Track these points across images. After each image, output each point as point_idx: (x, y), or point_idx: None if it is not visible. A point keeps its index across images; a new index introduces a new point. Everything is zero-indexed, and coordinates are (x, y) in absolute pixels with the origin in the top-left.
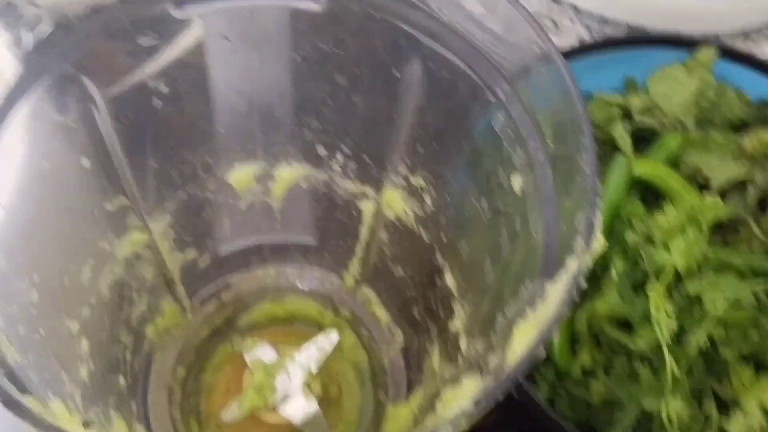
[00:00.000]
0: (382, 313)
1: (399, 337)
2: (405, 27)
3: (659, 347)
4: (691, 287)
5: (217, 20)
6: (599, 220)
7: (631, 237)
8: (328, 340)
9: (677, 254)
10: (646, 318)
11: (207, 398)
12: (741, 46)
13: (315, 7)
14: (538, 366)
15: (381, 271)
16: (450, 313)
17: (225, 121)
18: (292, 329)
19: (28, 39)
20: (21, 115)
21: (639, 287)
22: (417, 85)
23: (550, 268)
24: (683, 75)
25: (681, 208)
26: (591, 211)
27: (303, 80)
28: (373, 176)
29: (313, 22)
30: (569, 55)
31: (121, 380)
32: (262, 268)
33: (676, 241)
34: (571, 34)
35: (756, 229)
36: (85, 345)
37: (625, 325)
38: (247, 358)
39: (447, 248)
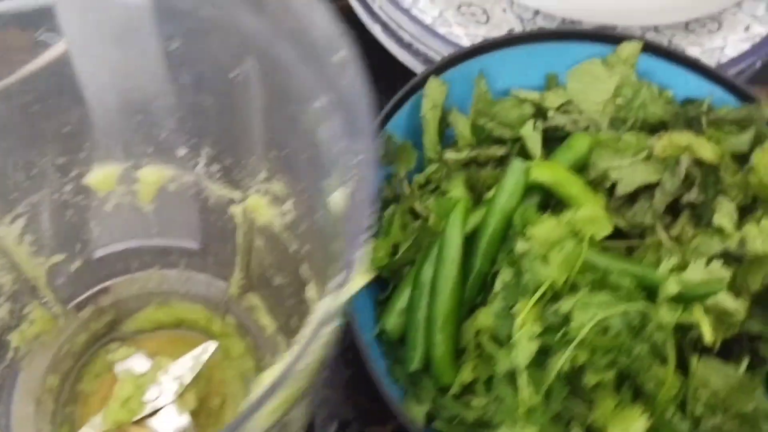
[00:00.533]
0: (267, 321)
1: (283, 346)
2: (238, 26)
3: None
4: (563, 305)
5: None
6: (358, 261)
7: (519, 246)
8: (204, 350)
9: (553, 268)
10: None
11: (83, 408)
12: (682, 41)
13: (138, 2)
14: (419, 379)
15: (263, 279)
16: None
17: (75, 119)
18: (179, 335)
19: None
20: None
21: (521, 300)
22: (255, 87)
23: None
24: (602, 71)
25: (563, 218)
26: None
27: (153, 78)
28: (237, 180)
29: (137, 15)
30: (492, 47)
31: None
32: (144, 271)
33: (553, 254)
34: (501, 25)
35: (663, 236)
36: None
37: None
38: (118, 368)
39: (310, 259)
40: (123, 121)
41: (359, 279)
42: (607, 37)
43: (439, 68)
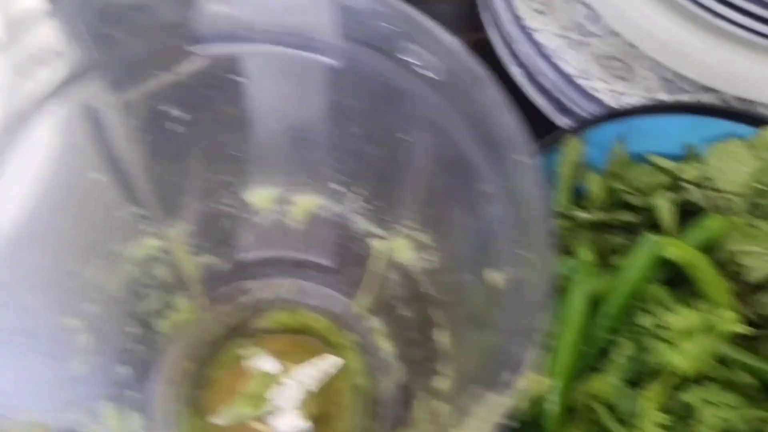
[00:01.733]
0: (386, 345)
1: (398, 373)
2: (415, 98)
3: None
4: (689, 395)
5: (238, 61)
6: (530, 359)
7: (642, 321)
8: (331, 363)
9: (684, 359)
10: (636, 415)
11: (208, 394)
12: None
13: (334, 63)
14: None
15: (388, 307)
16: (439, 370)
17: (245, 148)
18: (300, 340)
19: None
20: (35, 135)
21: (644, 377)
22: (424, 153)
23: (490, 379)
24: (744, 153)
25: (698, 310)
26: (522, 345)
27: (321, 122)
28: (384, 220)
29: (333, 75)
30: (633, 112)
31: (124, 370)
32: (280, 279)
33: (685, 345)
34: (641, 83)
35: None
36: (85, 340)
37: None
38: (248, 364)
39: (447, 308)
40: (288, 152)
41: (533, 383)
42: (751, 117)
43: (581, 127)
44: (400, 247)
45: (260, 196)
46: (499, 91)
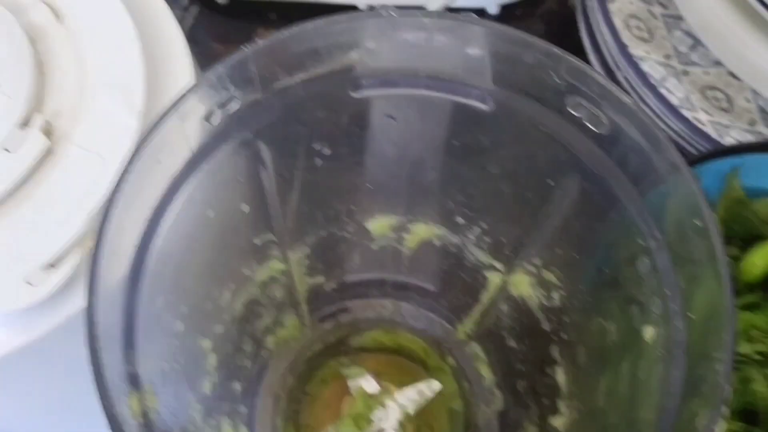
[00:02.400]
0: (486, 372)
1: (499, 401)
2: (568, 146)
3: None
4: None
5: (387, 101)
6: (718, 430)
7: (744, 348)
8: (430, 387)
9: None
10: None
11: (307, 409)
12: None
13: (483, 108)
14: None
15: (494, 336)
16: (554, 407)
17: (375, 180)
18: (396, 360)
19: (218, 114)
20: (200, 175)
21: (749, 409)
22: (570, 199)
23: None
24: None
25: None
26: (713, 417)
27: (456, 160)
28: (505, 255)
29: (478, 118)
30: (742, 149)
31: (238, 386)
32: (382, 299)
33: None
34: (743, 115)
35: None
36: (213, 359)
37: None
38: (351, 384)
39: (566, 347)
40: (413, 186)
41: None
42: None
43: (691, 163)
44: (520, 282)
45: (380, 223)
46: (677, 153)
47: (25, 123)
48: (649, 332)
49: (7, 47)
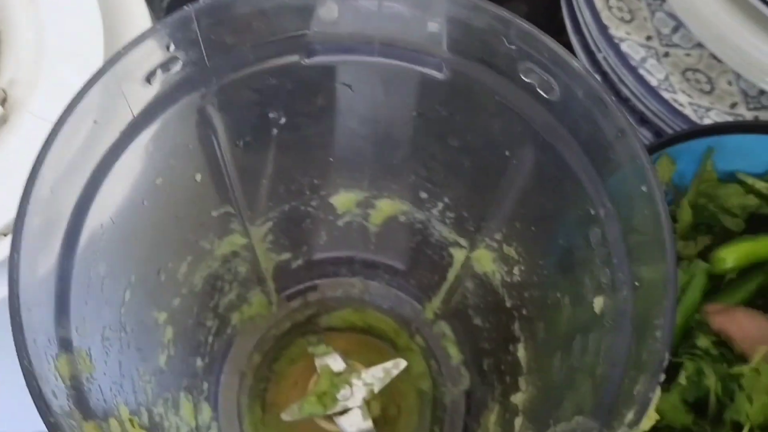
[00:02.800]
0: (454, 351)
1: (465, 380)
2: (522, 114)
3: None
4: None
5: (343, 70)
6: (655, 397)
7: (701, 342)
8: (396, 365)
9: (756, 412)
10: None
11: (274, 387)
12: None
13: (438, 76)
14: None
15: (460, 314)
16: (515, 384)
17: (338, 154)
18: (365, 339)
19: (159, 75)
20: (144, 139)
21: (701, 401)
22: (525, 170)
23: (603, 415)
24: None
25: None
26: (650, 384)
27: (417, 133)
28: (468, 231)
29: (435, 88)
30: (718, 130)
31: (199, 362)
32: (350, 278)
33: (758, 399)
34: (724, 97)
35: None
36: (169, 332)
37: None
38: (317, 362)
39: (525, 322)
40: (378, 159)
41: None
42: None
43: (667, 143)
44: (484, 258)
45: (345, 198)
46: (624, 116)
47: None
48: (599, 303)
49: None
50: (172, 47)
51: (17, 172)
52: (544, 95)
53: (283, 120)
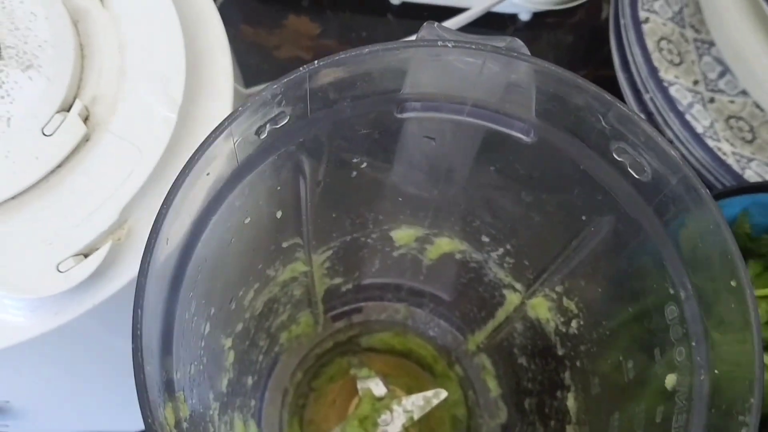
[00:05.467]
0: (493, 385)
1: (503, 414)
2: (607, 187)
3: None
4: None
5: (428, 122)
6: None
7: None
8: (437, 395)
9: None
10: None
11: (312, 404)
12: None
13: (525, 139)
14: None
15: (504, 351)
16: (562, 429)
17: (406, 193)
18: (404, 364)
19: (267, 128)
20: (243, 185)
21: None
22: (601, 236)
23: None
24: None
25: None
26: None
27: (490, 184)
28: (527, 278)
29: (518, 148)
30: (761, 188)
31: (250, 380)
32: (396, 303)
33: None
34: (765, 147)
35: None
36: (231, 356)
37: None
38: (359, 386)
39: (579, 374)
40: (443, 203)
41: None
42: None
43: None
44: (539, 306)
45: (405, 234)
46: (719, 211)
47: (65, 108)
48: (671, 380)
49: (50, 28)
50: (283, 103)
51: (98, 191)
52: (635, 175)
53: (364, 164)
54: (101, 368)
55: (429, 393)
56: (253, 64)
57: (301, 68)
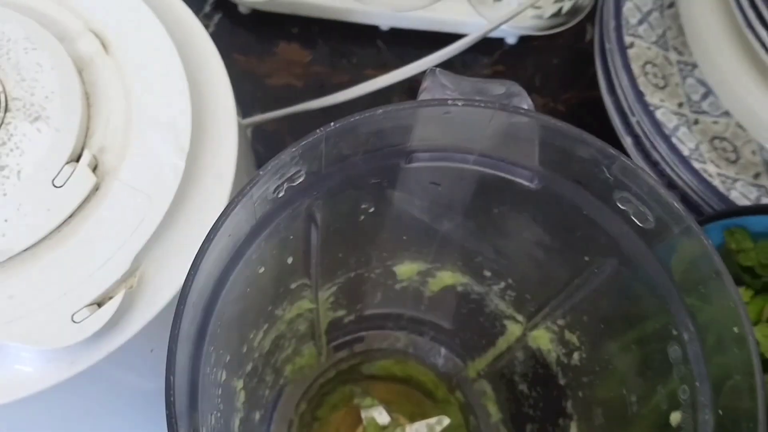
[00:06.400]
0: (494, 410)
1: None
2: (610, 233)
3: None
4: None
5: (436, 171)
6: None
7: None
8: (438, 422)
9: None
10: None
11: (316, 430)
12: None
13: (529, 186)
14: None
15: (506, 379)
16: None
17: (411, 232)
18: (405, 390)
19: (284, 187)
20: (261, 239)
21: None
22: (604, 277)
23: None
24: None
25: None
26: None
27: (493, 224)
28: (528, 310)
29: (522, 193)
30: (748, 211)
31: (257, 415)
32: (396, 332)
33: None
34: (749, 168)
35: None
36: (242, 396)
37: None
38: (363, 414)
39: (581, 404)
40: (446, 241)
41: None
42: None
43: (702, 222)
44: (540, 337)
45: (408, 268)
46: (720, 262)
47: (74, 158)
48: (675, 418)
49: (56, 78)
50: (300, 163)
51: (109, 240)
52: (638, 223)
53: (372, 209)
54: (118, 414)
55: (432, 420)
56: (246, 93)
57: (317, 130)
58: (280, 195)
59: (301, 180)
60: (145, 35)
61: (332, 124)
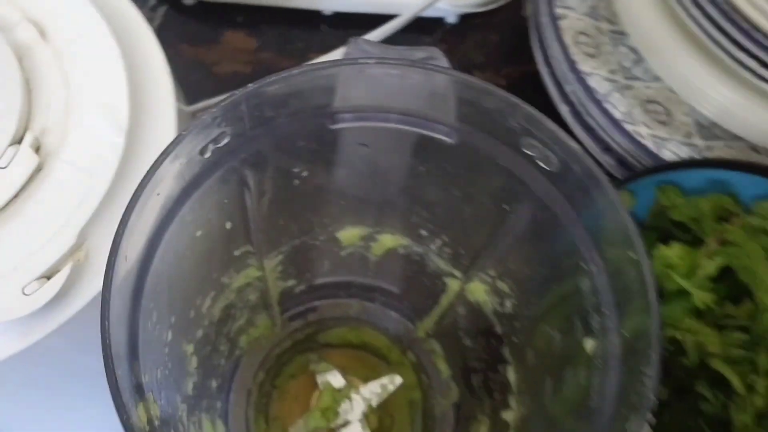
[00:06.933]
0: (443, 367)
1: (454, 393)
2: (522, 179)
3: None
4: None
5: (360, 131)
6: None
7: None
8: (392, 381)
9: None
10: None
11: (276, 402)
12: None
13: (448, 141)
14: None
15: (451, 335)
16: (505, 401)
17: (348, 197)
18: (360, 355)
19: (210, 148)
20: (192, 200)
21: None
22: (522, 223)
23: None
24: None
25: None
26: (639, 423)
27: (422, 182)
28: (463, 265)
29: (443, 149)
30: (676, 166)
31: (214, 383)
32: (348, 300)
33: None
34: (680, 128)
35: None
36: (194, 361)
37: None
38: (319, 380)
39: (516, 348)
40: (382, 203)
41: None
42: None
43: (629, 179)
44: (476, 290)
45: (350, 234)
46: (615, 193)
47: (16, 141)
48: (589, 344)
49: None
50: (222, 124)
51: (55, 216)
52: (544, 166)
53: (305, 173)
54: (72, 385)
55: (384, 380)
56: (194, 81)
57: (236, 91)
58: (207, 156)
59: (227, 141)
60: (81, 22)
61: (249, 85)
